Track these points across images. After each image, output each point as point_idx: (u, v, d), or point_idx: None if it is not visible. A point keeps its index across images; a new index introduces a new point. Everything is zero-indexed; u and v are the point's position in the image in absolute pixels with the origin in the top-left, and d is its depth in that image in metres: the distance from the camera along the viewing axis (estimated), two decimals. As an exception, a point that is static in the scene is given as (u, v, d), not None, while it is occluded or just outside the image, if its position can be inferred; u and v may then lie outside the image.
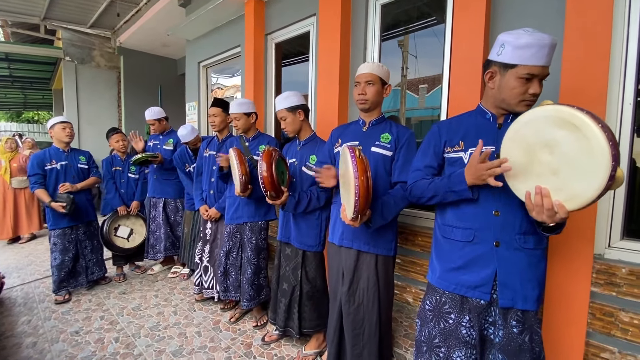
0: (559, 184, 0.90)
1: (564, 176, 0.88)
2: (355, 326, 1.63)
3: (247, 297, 2.27)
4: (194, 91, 4.77)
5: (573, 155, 0.85)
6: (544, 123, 0.90)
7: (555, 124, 0.87)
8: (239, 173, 1.98)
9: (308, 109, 2.02)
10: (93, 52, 6.58)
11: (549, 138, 0.89)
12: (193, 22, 4.05)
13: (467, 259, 1.18)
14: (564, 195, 0.89)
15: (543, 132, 0.90)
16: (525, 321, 1.13)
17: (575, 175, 0.86)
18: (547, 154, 0.91)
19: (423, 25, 3.02)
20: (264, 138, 2.41)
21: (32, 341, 2.21)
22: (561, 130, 0.87)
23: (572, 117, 0.83)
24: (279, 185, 1.72)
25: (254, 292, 2.29)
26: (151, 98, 6.84)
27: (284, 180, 1.82)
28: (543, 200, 0.92)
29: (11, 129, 14.83)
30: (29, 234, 4.74)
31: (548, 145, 0.90)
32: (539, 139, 0.92)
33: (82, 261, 2.93)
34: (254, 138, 2.39)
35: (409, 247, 2.45)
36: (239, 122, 2.29)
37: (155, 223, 3.31)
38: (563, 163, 0.88)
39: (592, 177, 0.82)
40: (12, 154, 4.58)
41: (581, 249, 1.57)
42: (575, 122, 0.83)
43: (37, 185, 2.70)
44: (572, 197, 0.88)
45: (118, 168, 3.25)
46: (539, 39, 1.00)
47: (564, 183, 0.89)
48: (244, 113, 2.28)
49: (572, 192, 0.87)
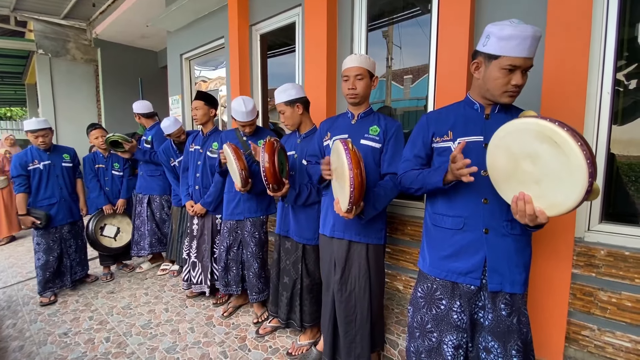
0: (540, 193, 0.95)
1: (544, 186, 0.93)
2: (348, 313, 1.66)
3: (256, 290, 2.31)
4: (176, 84, 4.65)
5: (553, 168, 0.90)
6: (527, 135, 0.93)
7: (537, 138, 0.91)
8: (237, 168, 1.95)
9: (308, 101, 1.99)
10: (68, 44, 6.29)
11: (530, 150, 0.93)
12: (174, 13, 3.92)
13: (458, 246, 1.22)
14: (545, 203, 0.94)
15: (526, 143, 0.94)
16: (513, 304, 1.17)
17: (555, 186, 0.91)
18: (530, 163, 0.95)
19: (408, 16, 3.02)
20: (264, 133, 2.36)
21: (18, 345, 2.16)
22: (542, 145, 0.90)
23: (553, 134, 0.86)
24: (281, 177, 1.71)
25: (263, 285, 2.33)
26: (132, 92, 6.63)
27: (284, 171, 1.81)
28: (525, 206, 0.97)
29: (-18, 127, 14.13)
30: (8, 236, 4.57)
31: (530, 156, 0.94)
32: (522, 150, 0.95)
33: (66, 261, 2.86)
34: (255, 134, 2.35)
35: (398, 237, 2.49)
36: (250, 127, 2.27)
37: (140, 219, 3.26)
38: (544, 174, 0.92)
39: (570, 190, 0.87)
40: (-14, 153, 4.38)
41: (562, 233, 1.64)
42: (555, 139, 0.86)
43: (21, 188, 2.63)
44: (552, 205, 0.93)
45: (101, 165, 3.15)
46: (522, 31, 1.02)
47: (545, 192, 0.94)
48: (255, 118, 2.26)
49: (552, 201, 0.93)
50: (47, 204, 2.72)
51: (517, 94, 1.13)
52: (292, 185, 1.84)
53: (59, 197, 2.78)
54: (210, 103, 2.53)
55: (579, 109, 1.57)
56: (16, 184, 2.63)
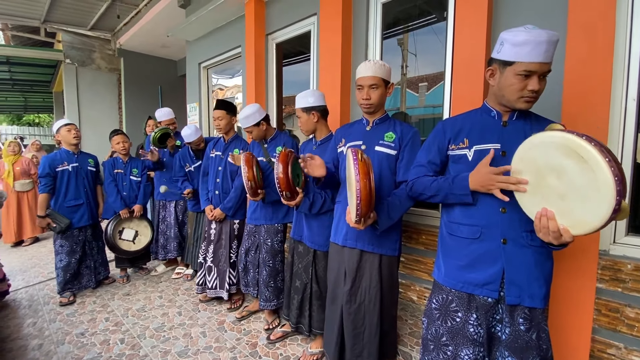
0: (565, 209, 0.91)
1: (570, 202, 0.89)
2: (356, 325, 1.63)
3: (264, 297, 2.30)
4: (194, 92, 4.77)
5: (579, 184, 0.86)
6: (553, 149, 0.90)
7: (563, 152, 0.88)
8: (245, 179, 1.99)
9: (325, 110, 2.01)
10: (93, 54, 6.59)
11: (556, 164, 0.90)
12: (193, 23, 4.05)
13: (474, 256, 1.18)
14: (570, 220, 0.90)
15: (551, 157, 0.91)
16: (533, 319, 1.13)
17: (580, 203, 0.87)
18: (555, 178, 0.91)
19: (423, 24, 3.02)
20: (281, 139, 2.38)
21: (38, 343, 2.22)
22: (568, 159, 0.87)
23: (580, 149, 0.83)
24: (294, 187, 1.73)
25: (270, 294, 2.30)
26: (152, 99, 6.85)
27: (299, 183, 1.82)
28: (549, 222, 0.93)
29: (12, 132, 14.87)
30: (32, 237, 4.75)
31: (555, 170, 0.91)
32: (547, 163, 0.92)
33: (89, 262, 2.97)
34: (272, 139, 2.38)
35: (413, 246, 2.45)
36: (252, 134, 2.30)
37: (165, 223, 3.38)
38: (569, 190, 0.89)
39: (596, 208, 0.83)
40: (15, 157, 4.59)
41: (586, 245, 1.57)
42: (582, 154, 0.83)
43: (46, 189, 2.73)
44: (577, 223, 0.89)
45: (120, 171, 3.24)
46: (536, 36, 1.00)
47: (570, 209, 0.89)
48: (254, 125, 2.27)
49: (577, 218, 0.88)
50: (74, 204, 2.82)
51: (535, 100, 1.10)
52: (306, 194, 1.85)
53: (85, 198, 2.89)
54: (231, 111, 2.57)
55: (602, 117, 1.51)
56: (42, 184, 2.73)
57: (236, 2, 3.50)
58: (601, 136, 1.50)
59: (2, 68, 7.06)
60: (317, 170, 1.59)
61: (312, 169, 1.59)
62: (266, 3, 3.46)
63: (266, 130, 2.33)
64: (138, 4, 5.23)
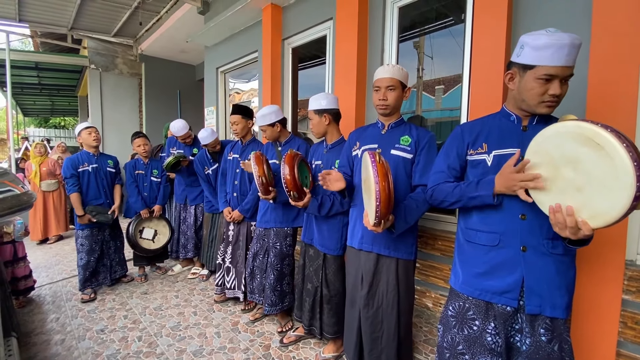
0: (583, 201, 0.87)
1: (587, 193, 0.86)
2: (374, 329, 1.61)
3: (269, 302, 2.29)
4: (212, 96, 4.87)
5: (596, 173, 0.83)
6: (567, 139, 0.88)
7: (578, 141, 0.85)
8: (256, 176, 2.00)
9: (338, 114, 2.02)
10: (116, 59, 6.83)
11: (572, 154, 0.87)
12: (212, 29, 4.15)
13: (493, 264, 1.15)
14: (588, 212, 0.87)
15: (566, 148, 0.88)
16: (555, 329, 1.09)
17: (599, 193, 0.83)
18: (571, 170, 0.89)
19: (440, 26, 2.99)
20: (295, 143, 2.40)
21: (60, 338, 2.30)
22: (584, 148, 0.84)
23: (595, 135, 0.81)
24: (302, 187, 1.74)
25: (276, 298, 2.29)
26: (171, 103, 7.04)
27: (307, 184, 1.84)
28: (566, 218, 0.90)
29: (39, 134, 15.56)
30: (57, 235, 4.94)
31: (571, 161, 0.88)
32: (562, 155, 0.90)
33: (106, 260, 3.06)
34: (286, 142, 2.39)
35: (428, 251, 2.41)
36: (265, 133, 2.33)
37: (185, 224, 3.47)
38: (587, 180, 0.86)
39: (616, 196, 0.80)
40: (41, 158, 4.80)
41: (612, 255, 1.51)
42: (598, 141, 0.81)
43: (75, 189, 2.85)
44: (596, 215, 0.85)
45: (141, 172, 3.34)
46: (558, 39, 0.98)
47: (588, 200, 0.86)
48: (269, 125, 2.29)
49: (596, 210, 0.85)
50: (94, 204, 2.93)
51: (556, 104, 1.07)
52: (314, 195, 1.86)
53: (104, 198, 3.00)
54: (247, 115, 2.60)
55: (629, 122, 1.46)
56: (69, 185, 2.85)
57: (254, 8, 3.56)
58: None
59: (32, 73, 7.42)
60: (336, 184, 1.59)
61: (330, 184, 1.59)
62: (283, 8, 3.50)
63: (280, 132, 2.35)
64: (159, 11, 5.39)
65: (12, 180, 1.09)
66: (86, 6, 5.05)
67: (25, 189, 1.15)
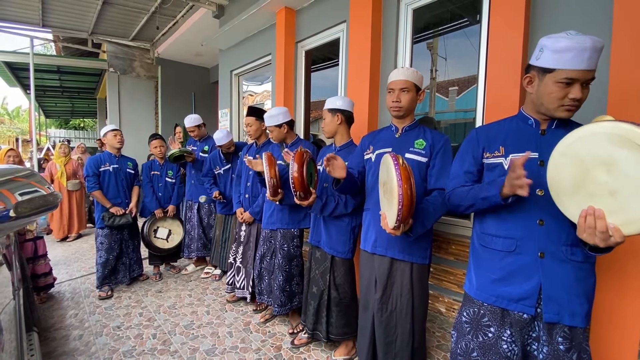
0: (616, 206, 0.83)
1: (622, 198, 0.82)
2: (388, 334, 1.60)
3: (278, 302, 2.30)
4: (226, 98, 4.94)
5: (634, 176, 0.79)
6: (602, 140, 0.84)
7: (615, 142, 0.82)
8: (267, 176, 2.02)
9: (351, 116, 2.04)
10: (134, 63, 7.01)
11: (606, 156, 0.84)
12: (226, 33, 4.21)
13: (509, 270, 1.13)
14: (621, 218, 0.83)
15: (600, 149, 0.84)
16: (573, 338, 1.06)
17: (635, 198, 0.80)
18: (604, 173, 0.85)
19: (455, 27, 2.95)
20: (302, 144, 2.42)
21: (78, 334, 2.37)
22: (622, 149, 0.81)
23: (636, 136, 0.78)
24: (308, 187, 1.74)
25: (285, 299, 2.31)
26: (186, 105, 7.18)
27: (313, 182, 1.84)
28: (596, 222, 0.86)
29: (60, 135, 16.10)
30: (76, 233, 5.10)
31: (605, 163, 0.84)
32: (594, 157, 0.86)
33: (125, 259, 3.14)
34: (292, 144, 2.42)
35: (442, 256, 2.38)
36: (272, 133, 2.36)
37: (190, 224, 3.53)
38: (622, 184, 0.82)
39: None
40: (66, 159, 4.97)
41: (632, 259, 1.46)
42: (638, 142, 0.77)
43: (96, 187, 2.96)
44: (630, 221, 0.81)
45: (156, 172, 3.42)
46: (579, 42, 0.95)
47: (622, 205, 0.82)
48: (276, 125, 2.32)
49: (631, 215, 0.81)
50: (113, 203, 3.02)
51: (576, 109, 1.05)
52: (319, 195, 1.87)
53: (123, 198, 3.08)
54: (261, 118, 2.63)
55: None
56: (91, 183, 2.96)
57: (268, 12, 3.60)
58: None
59: (53, 76, 7.70)
60: (339, 171, 1.60)
61: (334, 169, 1.60)
62: (297, 12, 3.53)
63: (287, 134, 2.38)
64: (175, 16, 5.52)
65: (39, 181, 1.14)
66: (106, 11, 5.22)
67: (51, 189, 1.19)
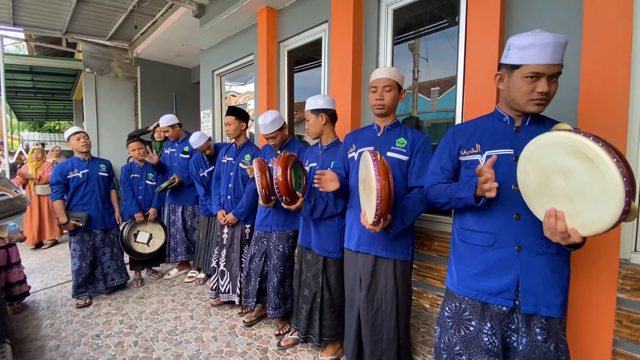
0: (574, 210, 0.89)
1: (578, 203, 0.88)
2: (374, 332, 1.61)
3: (273, 305, 2.26)
4: (208, 99, 4.87)
5: (587, 185, 0.84)
6: (559, 149, 0.89)
7: (570, 153, 0.86)
8: (259, 186, 1.99)
9: (334, 114, 2.03)
10: (111, 63, 6.80)
11: (562, 165, 0.89)
12: (207, 32, 4.14)
13: (488, 264, 1.16)
14: (579, 221, 0.89)
15: (557, 158, 0.89)
16: (550, 329, 1.10)
17: (589, 204, 0.85)
18: (562, 179, 0.90)
19: (435, 28, 3.01)
20: (295, 146, 2.40)
21: (55, 344, 2.27)
22: (575, 160, 0.85)
23: (586, 149, 0.82)
24: (294, 190, 1.73)
25: (280, 301, 2.28)
26: (167, 106, 7.01)
27: (301, 185, 1.83)
28: (557, 223, 0.91)
29: (34, 139, 15.45)
30: (51, 240, 4.89)
31: (563, 171, 0.89)
32: (553, 164, 0.91)
33: (100, 268, 2.99)
34: (286, 145, 2.39)
35: (425, 252, 2.42)
36: (276, 139, 2.30)
37: (174, 227, 3.44)
38: (577, 191, 0.87)
39: (605, 209, 0.82)
40: (38, 163, 4.77)
41: (606, 253, 1.52)
42: (589, 155, 0.82)
43: (58, 196, 2.79)
44: (586, 224, 0.87)
45: (136, 175, 3.33)
46: (542, 39, 1.01)
47: (578, 210, 0.88)
48: (278, 130, 2.27)
49: (586, 219, 0.87)
50: (81, 209, 2.87)
51: (546, 102, 1.09)
52: (307, 198, 1.85)
53: (94, 204, 2.93)
54: (241, 117, 2.61)
55: (621, 121, 1.48)
56: (53, 192, 2.79)
57: (249, 11, 3.57)
58: (620, 140, 1.46)
59: (26, 77, 7.36)
60: (331, 185, 1.59)
61: (326, 184, 1.59)
62: (278, 11, 3.51)
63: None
64: (154, 15, 5.38)
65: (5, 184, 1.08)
66: (81, 10, 5.03)
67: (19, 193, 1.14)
